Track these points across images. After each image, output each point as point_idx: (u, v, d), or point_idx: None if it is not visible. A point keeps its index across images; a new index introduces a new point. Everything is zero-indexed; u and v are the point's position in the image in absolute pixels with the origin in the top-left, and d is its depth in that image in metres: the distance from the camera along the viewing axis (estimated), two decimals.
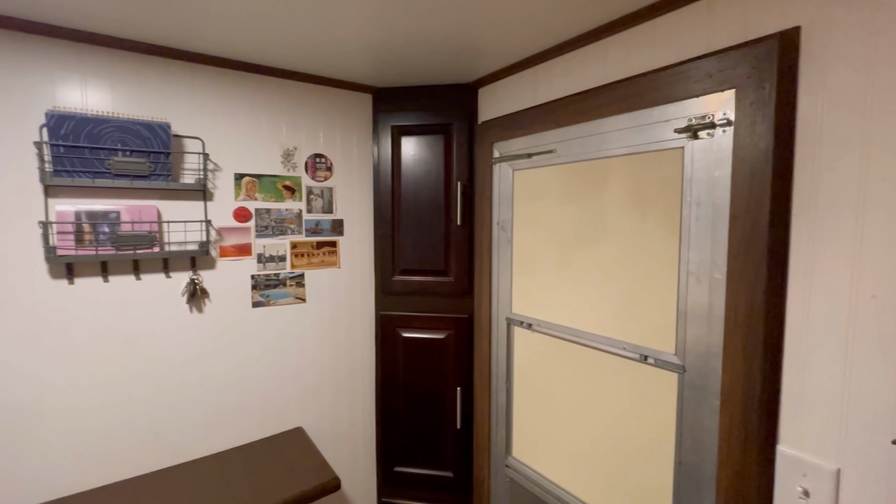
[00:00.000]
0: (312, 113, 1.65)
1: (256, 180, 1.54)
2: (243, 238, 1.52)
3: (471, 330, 1.73)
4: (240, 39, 1.29)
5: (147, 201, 1.34)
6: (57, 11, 1.11)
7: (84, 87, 1.26)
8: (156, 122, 1.30)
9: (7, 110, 1.16)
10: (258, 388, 1.59)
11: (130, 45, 1.29)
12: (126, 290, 1.34)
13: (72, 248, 1.22)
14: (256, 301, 1.56)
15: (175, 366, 1.43)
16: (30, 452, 1.23)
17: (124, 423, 1.36)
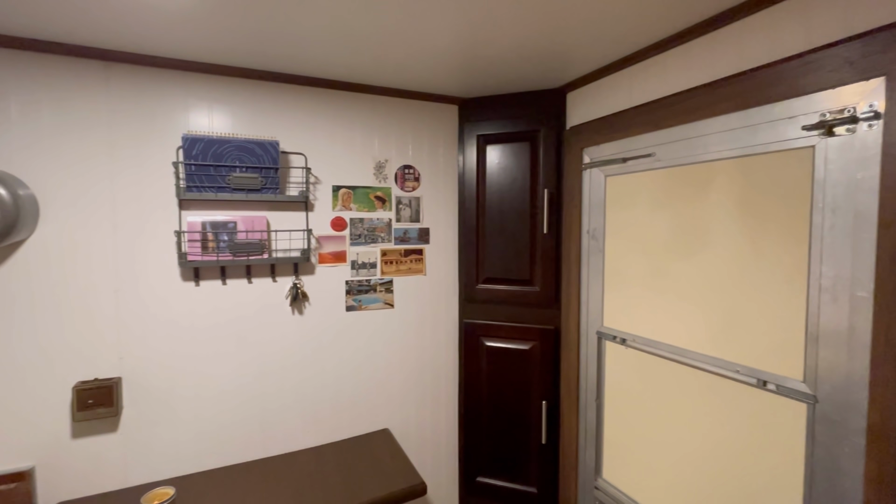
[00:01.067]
0: (402, 126, 1.71)
1: (351, 192, 1.63)
2: (339, 246, 1.62)
3: (557, 342, 1.67)
4: (340, 62, 1.39)
5: (258, 212, 1.49)
6: (190, 48, 1.28)
7: (210, 112, 1.43)
8: (267, 140, 1.44)
9: (154, 135, 1.36)
10: (350, 388, 1.68)
11: (248, 72, 1.45)
12: (240, 293, 1.49)
13: (199, 255, 1.39)
14: (350, 305, 1.65)
15: (278, 362, 1.56)
16: (162, 432, 1.41)
17: (236, 413, 1.51)
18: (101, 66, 1.30)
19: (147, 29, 1.16)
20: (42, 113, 1.25)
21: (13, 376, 1.24)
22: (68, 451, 1.31)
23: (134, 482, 1.38)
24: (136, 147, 1.34)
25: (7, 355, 1.24)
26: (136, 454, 1.38)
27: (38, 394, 1.27)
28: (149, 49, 1.29)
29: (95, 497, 1.31)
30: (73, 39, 1.22)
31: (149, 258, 1.37)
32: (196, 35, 1.20)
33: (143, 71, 1.34)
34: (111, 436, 1.35)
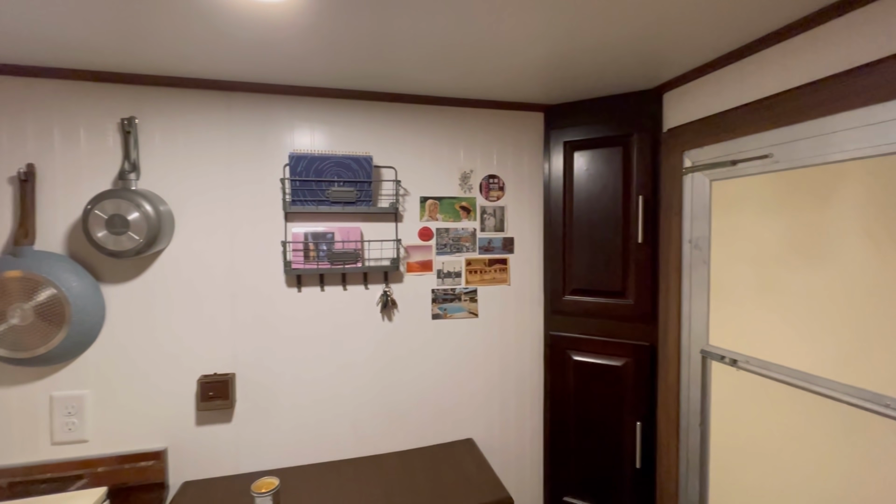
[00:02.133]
0: (487, 136, 1.72)
1: (438, 202, 1.67)
2: (426, 255, 1.66)
3: (653, 359, 1.56)
4: (429, 78, 1.43)
5: (353, 223, 1.58)
6: (297, 76, 1.40)
7: (312, 131, 1.55)
8: (362, 155, 1.52)
9: (264, 154, 1.50)
10: (435, 395, 1.70)
11: (345, 93, 1.55)
12: (336, 299, 1.58)
13: (301, 263, 1.50)
14: (435, 314, 1.68)
15: (369, 367, 1.63)
16: (267, 426, 1.54)
17: (330, 413, 1.60)
18: (223, 96, 1.47)
19: (263, 63, 1.29)
20: (177, 139, 1.44)
21: (153, 368, 1.44)
22: (193, 436, 1.47)
23: (244, 470, 1.52)
24: (250, 166, 1.50)
25: (148, 349, 1.43)
26: (245, 444, 1.52)
27: (170, 384, 1.45)
28: (262, 78, 1.43)
29: (213, 479, 1.46)
30: (203, 75, 1.39)
31: (259, 266, 1.51)
32: (304, 65, 1.31)
33: (257, 97, 1.49)
34: (226, 426, 1.50)
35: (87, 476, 1.37)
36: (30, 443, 1.35)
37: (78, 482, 1.36)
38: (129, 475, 1.40)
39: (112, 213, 1.27)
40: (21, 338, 1.26)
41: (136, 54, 1.23)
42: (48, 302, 1.27)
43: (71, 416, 1.37)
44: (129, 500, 1.34)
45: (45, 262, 1.29)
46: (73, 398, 1.37)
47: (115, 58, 1.26)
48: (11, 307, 1.25)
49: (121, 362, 1.41)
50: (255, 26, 1.08)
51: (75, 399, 1.37)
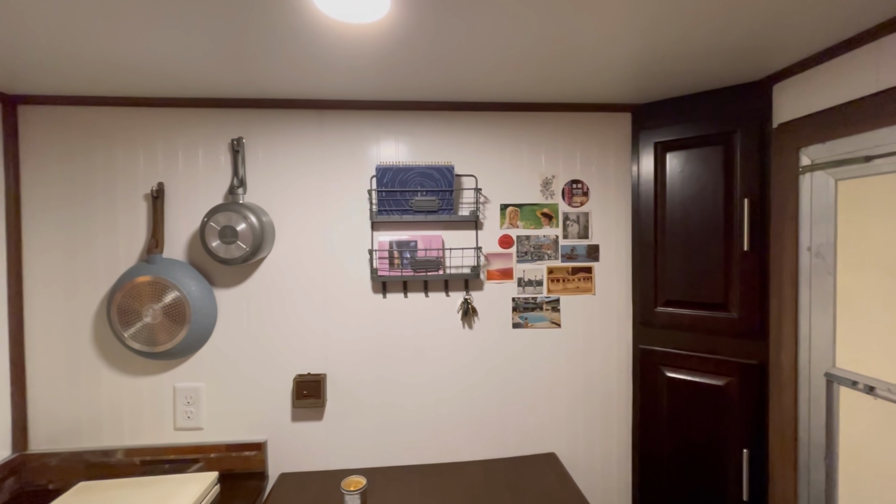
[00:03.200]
0: (570, 140, 1.67)
1: (518, 209, 1.65)
2: (506, 263, 1.65)
3: (763, 380, 1.40)
4: (510, 85, 1.42)
5: (434, 232, 1.61)
6: (383, 91, 1.46)
7: (397, 143, 1.60)
8: (444, 165, 1.55)
9: (353, 167, 1.58)
10: (515, 405, 1.67)
11: (427, 105, 1.59)
12: (418, 306, 1.62)
13: (386, 270, 1.56)
14: (516, 322, 1.66)
15: (450, 374, 1.64)
16: (354, 427, 1.61)
17: (413, 417, 1.63)
18: (316, 114, 1.58)
19: (352, 81, 1.36)
20: (277, 155, 1.56)
21: (255, 365, 1.57)
22: (289, 431, 1.58)
23: (333, 466, 1.60)
24: (341, 178, 1.58)
25: (252, 348, 1.57)
26: (335, 442, 1.60)
27: (270, 381, 1.57)
28: (351, 95, 1.51)
29: (306, 473, 1.55)
30: (299, 96, 1.50)
31: (348, 272, 1.59)
32: (389, 80, 1.36)
33: (346, 113, 1.58)
34: (318, 423, 1.59)
35: (201, 460, 1.52)
36: (157, 427, 1.54)
37: (194, 465, 1.52)
38: (236, 463, 1.53)
39: (224, 225, 1.42)
40: (152, 334, 1.44)
41: (244, 82, 1.37)
42: (173, 303, 1.44)
43: (189, 405, 1.54)
44: (236, 486, 1.47)
45: (170, 268, 1.46)
46: (191, 389, 1.54)
47: (227, 86, 1.40)
48: (145, 307, 1.43)
49: (229, 359, 1.56)
50: (347, 47, 1.14)
51: (193, 390, 1.54)
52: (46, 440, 1.51)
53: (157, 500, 1.29)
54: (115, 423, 1.53)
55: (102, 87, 1.40)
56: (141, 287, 1.43)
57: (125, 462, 1.50)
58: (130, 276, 1.44)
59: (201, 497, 1.34)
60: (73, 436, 1.51)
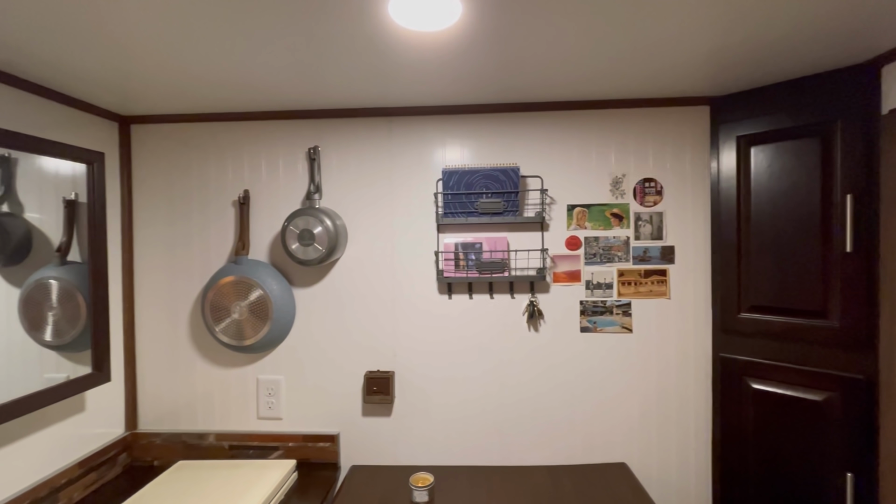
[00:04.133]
0: (641, 137, 1.60)
1: (586, 210, 1.61)
2: (573, 265, 1.61)
3: (870, 397, 1.25)
4: (578, 84, 1.39)
5: (500, 233, 1.61)
6: (449, 96, 1.49)
7: (462, 146, 1.63)
8: (509, 167, 1.55)
9: (420, 171, 1.63)
10: (583, 411, 1.62)
11: (491, 107, 1.60)
12: (483, 307, 1.63)
13: (452, 272, 1.58)
14: (584, 326, 1.61)
15: (514, 376, 1.63)
16: (420, 424, 1.65)
17: (478, 418, 1.64)
18: (385, 121, 1.64)
19: (420, 88, 1.41)
20: (349, 162, 1.65)
21: (329, 361, 1.66)
22: (359, 425, 1.65)
23: (401, 462, 1.65)
24: (408, 181, 1.64)
25: (326, 345, 1.66)
26: (402, 438, 1.65)
27: (342, 377, 1.66)
28: (418, 102, 1.56)
29: (376, 467, 1.61)
30: (369, 105, 1.57)
31: (414, 274, 1.64)
32: (456, 85, 1.39)
33: (413, 119, 1.63)
34: (386, 419, 1.65)
35: (281, 449, 1.63)
36: (243, 415, 1.67)
37: (274, 453, 1.64)
38: (311, 453, 1.63)
39: (302, 228, 1.52)
40: (239, 329, 1.57)
41: (320, 95, 1.46)
42: (257, 301, 1.56)
43: (271, 396, 1.66)
44: (311, 475, 1.56)
45: (255, 268, 1.59)
46: (272, 382, 1.66)
47: (305, 99, 1.50)
48: (233, 304, 1.57)
49: (305, 354, 1.66)
50: (417, 55, 1.18)
51: (274, 383, 1.66)
52: (152, 421, 1.69)
53: (246, 482, 1.40)
54: (208, 409, 1.68)
55: (198, 106, 1.56)
56: (230, 286, 1.57)
57: (216, 445, 1.65)
58: (221, 275, 1.58)
59: (282, 482, 1.44)
60: (173, 418, 1.69)
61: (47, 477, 1.34)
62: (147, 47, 1.10)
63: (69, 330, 1.38)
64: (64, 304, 1.36)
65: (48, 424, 1.37)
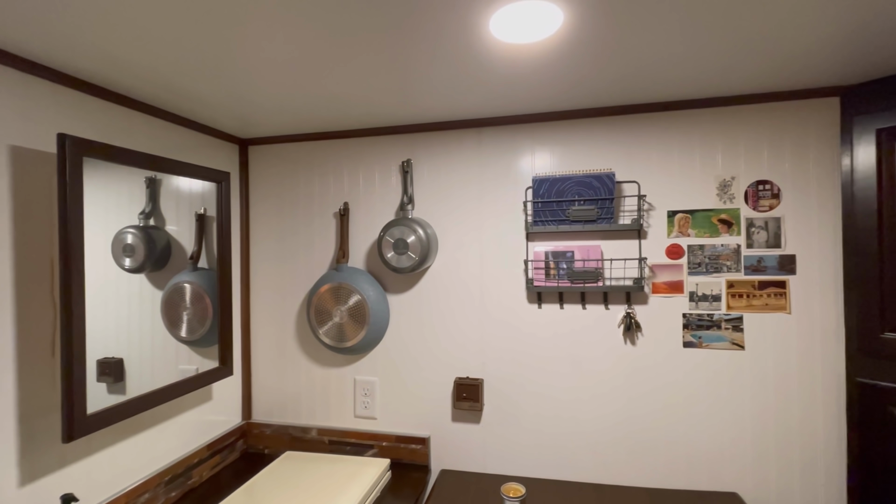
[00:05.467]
0: (754, 135, 1.46)
1: (689, 216, 1.50)
2: (675, 275, 1.51)
3: None
4: (686, 83, 1.31)
5: (593, 242, 1.56)
6: (540, 104, 1.48)
7: (552, 153, 1.60)
8: (603, 173, 1.50)
9: (508, 180, 1.63)
10: (685, 432, 1.51)
11: (583, 112, 1.56)
12: (575, 318, 1.58)
13: (542, 281, 1.56)
14: (687, 341, 1.50)
15: (609, 391, 1.56)
16: (510, 434, 1.64)
17: (570, 432, 1.59)
18: (474, 132, 1.67)
19: (509, 98, 1.41)
20: (440, 172, 1.70)
21: (421, 365, 1.71)
22: (449, 430, 1.69)
23: (490, 470, 1.65)
24: (497, 190, 1.65)
25: (418, 349, 1.72)
26: (491, 447, 1.65)
27: (433, 381, 1.70)
28: (507, 111, 1.57)
29: (465, 473, 1.63)
30: (459, 117, 1.61)
31: (503, 282, 1.64)
32: (546, 93, 1.37)
33: (502, 129, 1.64)
34: (475, 426, 1.66)
35: (375, 447, 1.72)
36: (341, 412, 1.78)
37: (369, 451, 1.72)
38: (403, 454, 1.69)
39: (397, 238, 1.59)
40: (340, 332, 1.68)
41: (412, 110, 1.52)
42: (356, 306, 1.66)
43: (366, 396, 1.75)
44: (403, 475, 1.62)
45: (353, 275, 1.69)
46: (368, 382, 1.75)
47: (398, 115, 1.58)
48: (334, 308, 1.68)
49: (399, 358, 1.73)
50: (512, 67, 1.19)
51: (369, 383, 1.75)
52: (263, 413, 1.87)
53: (346, 477, 1.50)
54: (310, 405, 1.82)
55: (304, 127, 1.71)
56: (331, 291, 1.69)
57: (317, 439, 1.77)
58: (324, 281, 1.71)
59: (378, 480, 1.51)
60: (281, 411, 1.85)
61: (183, 456, 1.54)
62: (265, 78, 1.23)
63: (199, 328, 1.58)
64: (195, 304, 1.56)
65: (184, 410, 1.57)
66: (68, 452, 1.19)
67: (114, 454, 1.31)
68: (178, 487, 1.50)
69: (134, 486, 1.35)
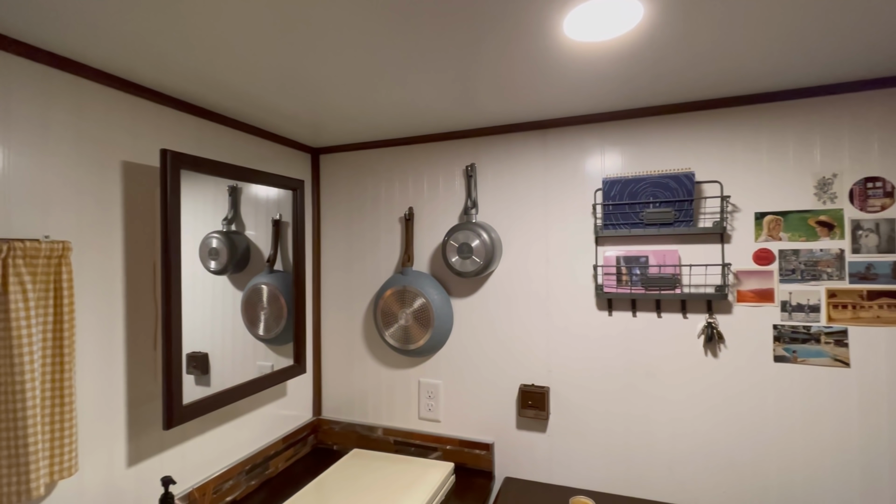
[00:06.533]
0: (860, 127, 1.31)
1: (781, 218, 1.37)
2: (764, 283, 1.38)
3: None
4: (779, 71, 1.20)
5: (669, 246, 1.47)
6: (608, 103, 1.42)
7: (623, 153, 1.53)
8: (682, 173, 1.41)
9: (575, 182, 1.58)
10: (777, 457, 1.37)
11: (658, 109, 1.47)
12: (649, 327, 1.50)
13: (613, 287, 1.50)
14: (779, 355, 1.37)
15: (688, 406, 1.46)
16: (578, 445, 1.58)
17: (644, 447, 1.50)
18: (539, 134, 1.64)
19: (577, 98, 1.37)
20: (503, 176, 1.68)
21: (484, 371, 1.70)
22: (513, 437, 1.66)
23: (556, 480, 1.60)
24: (562, 193, 1.60)
25: (481, 355, 1.71)
26: (558, 457, 1.60)
27: (497, 387, 1.68)
28: (574, 112, 1.52)
29: (529, 482, 1.60)
30: (524, 119, 1.59)
31: (570, 288, 1.59)
32: (616, 91, 1.31)
33: (569, 130, 1.60)
34: (541, 435, 1.62)
35: (439, 450, 1.73)
36: (406, 413, 1.82)
37: (433, 453, 1.74)
38: (467, 458, 1.69)
39: (461, 242, 1.59)
40: (405, 334, 1.72)
41: (476, 115, 1.52)
42: (420, 309, 1.69)
43: (430, 398, 1.77)
44: (467, 480, 1.61)
45: (418, 279, 1.72)
46: (432, 385, 1.77)
47: (462, 120, 1.58)
48: (400, 311, 1.72)
49: (462, 362, 1.73)
50: (583, 66, 1.15)
51: (433, 386, 1.77)
52: (332, 410, 1.95)
53: (412, 478, 1.52)
54: (376, 405, 1.87)
55: (371, 135, 1.76)
56: (397, 294, 1.72)
57: (383, 439, 1.82)
58: (389, 284, 1.75)
59: (443, 483, 1.52)
60: (349, 409, 1.91)
61: (262, 447, 1.64)
62: (336, 90, 1.29)
63: (274, 326, 1.67)
64: (271, 305, 1.65)
65: (263, 404, 1.67)
66: (166, 438, 1.31)
67: (202, 442, 1.42)
68: (257, 476, 1.60)
69: (220, 472, 1.45)
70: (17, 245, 0.91)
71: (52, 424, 0.97)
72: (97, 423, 1.13)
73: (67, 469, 0.98)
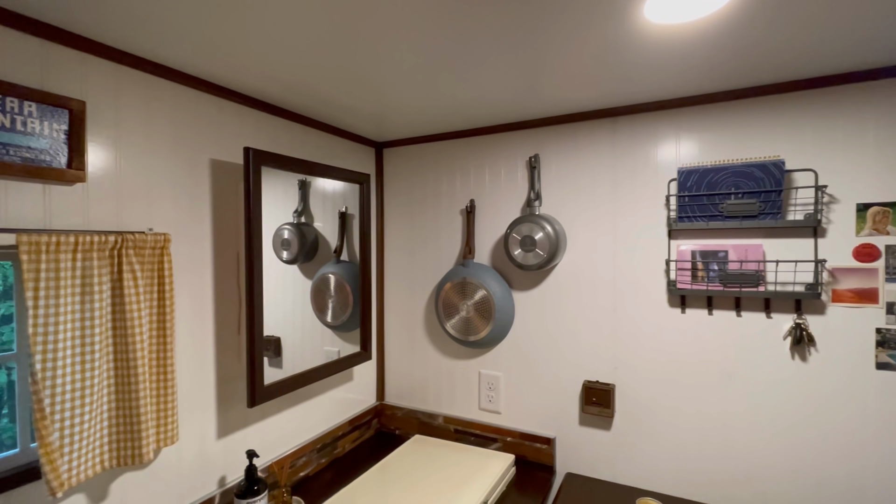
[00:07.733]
0: None
1: (889, 210, 1.23)
2: (866, 282, 1.25)
3: None
4: (880, 47, 1.07)
5: (752, 240, 1.36)
6: (683, 88, 1.33)
7: (700, 141, 1.44)
8: (769, 160, 1.30)
9: (647, 172, 1.51)
10: (881, 479, 1.25)
11: (740, 93, 1.36)
12: (727, 326, 1.41)
13: (687, 283, 1.42)
14: (883, 362, 1.24)
15: (771, 413, 1.36)
16: (645, 445, 1.52)
17: (717, 452, 1.43)
18: (608, 122, 1.57)
19: (649, 83, 1.30)
20: (569, 167, 1.63)
21: (547, 365, 1.68)
22: (576, 433, 1.63)
23: (620, 480, 1.56)
24: (632, 183, 1.53)
25: (543, 349, 1.69)
26: (623, 456, 1.56)
27: (560, 382, 1.66)
28: (646, 98, 1.44)
29: (592, 479, 1.57)
30: (590, 108, 1.53)
31: (639, 283, 1.53)
32: (693, 75, 1.23)
33: (640, 117, 1.52)
34: (605, 433, 1.58)
35: (500, 441, 1.74)
36: (467, 403, 1.84)
37: (493, 444, 1.75)
38: (528, 451, 1.68)
39: (524, 235, 1.58)
40: (466, 325, 1.73)
41: (540, 104, 1.48)
42: (481, 301, 1.69)
43: (491, 390, 1.78)
44: (528, 473, 1.61)
45: (479, 271, 1.72)
46: (492, 377, 1.78)
47: (526, 110, 1.55)
48: (461, 303, 1.74)
49: (524, 355, 1.73)
50: (663, 50, 1.09)
51: (493, 378, 1.78)
52: (395, 396, 2.02)
53: (473, 467, 1.54)
54: (436, 393, 1.91)
55: (432, 128, 1.77)
56: (458, 286, 1.74)
57: (443, 427, 1.86)
58: (451, 276, 1.77)
59: (504, 474, 1.53)
60: (410, 396, 1.97)
61: (330, 428, 1.73)
62: (399, 87, 1.31)
63: (341, 314, 1.75)
64: (338, 293, 1.73)
65: (331, 388, 1.76)
66: (249, 415, 1.42)
67: (279, 421, 1.53)
68: (327, 455, 1.69)
69: (295, 449, 1.56)
70: (129, 237, 1.02)
71: (158, 397, 1.08)
72: (192, 398, 1.25)
73: (171, 437, 1.09)
